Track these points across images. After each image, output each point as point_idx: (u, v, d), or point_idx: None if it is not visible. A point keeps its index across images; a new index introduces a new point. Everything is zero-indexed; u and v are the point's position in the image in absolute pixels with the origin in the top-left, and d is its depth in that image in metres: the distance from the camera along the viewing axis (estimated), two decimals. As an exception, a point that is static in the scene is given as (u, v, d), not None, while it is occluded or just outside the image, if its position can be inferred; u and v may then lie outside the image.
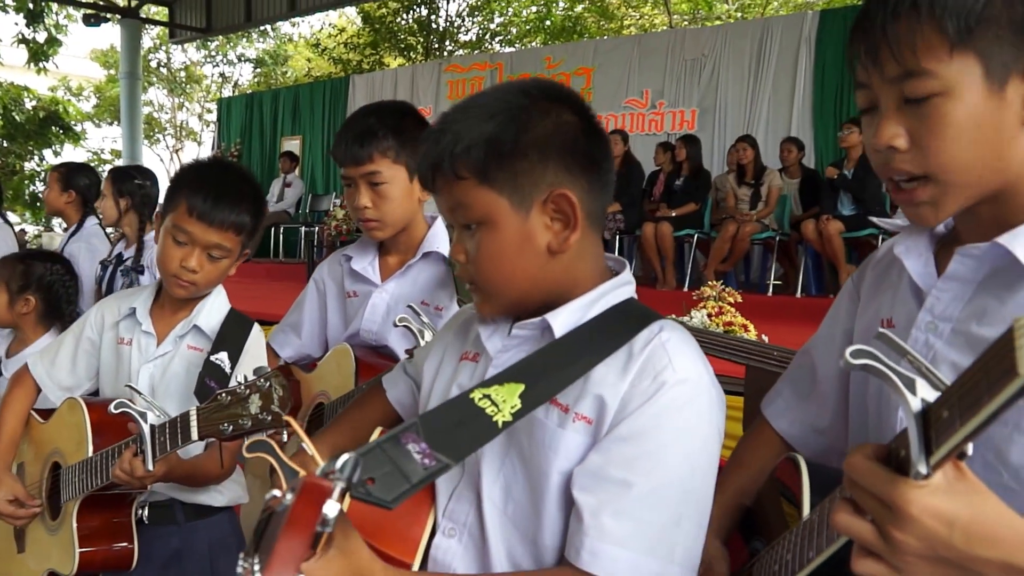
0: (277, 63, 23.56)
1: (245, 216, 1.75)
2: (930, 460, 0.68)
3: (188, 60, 23.65)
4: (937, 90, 0.87)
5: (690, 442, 0.99)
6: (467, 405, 0.99)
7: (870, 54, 0.91)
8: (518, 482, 1.06)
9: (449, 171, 1.03)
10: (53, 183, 3.95)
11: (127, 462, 1.54)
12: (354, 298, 1.99)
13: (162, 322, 1.87)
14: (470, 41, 19.14)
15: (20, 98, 18.42)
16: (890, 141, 0.91)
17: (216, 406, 1.41)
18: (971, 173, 0.90)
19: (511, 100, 1.04)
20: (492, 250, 1.04)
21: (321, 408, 1.91)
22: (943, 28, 0.85)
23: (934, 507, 0.69)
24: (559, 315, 1.07)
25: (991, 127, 0.88)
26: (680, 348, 1.02)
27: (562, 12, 18.50)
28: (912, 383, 0.70)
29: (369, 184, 1.81)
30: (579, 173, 1.04)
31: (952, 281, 0.97)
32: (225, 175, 1.80)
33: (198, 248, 1.72)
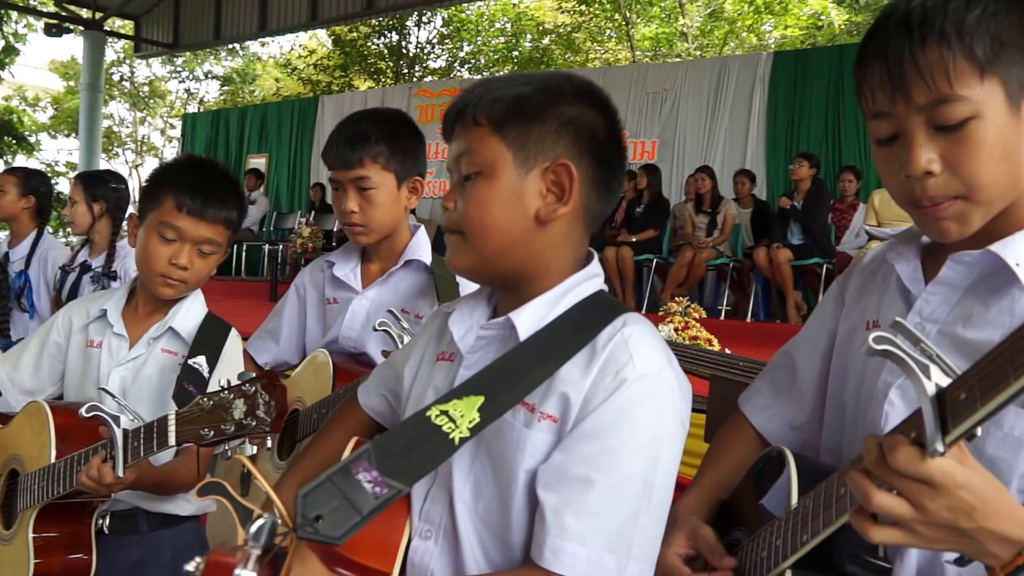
0: (245, 81, 23.56)
1: (233, 211, 1.72)
2: (946, 439, 0.73)
3: (153, 75, 23.60)
4: (970, 114, 0.90)
5: (650, 438, 0.99)
6: (424, 424, 0.99)
7: (896, 83, 0.92)
8: (488, 482, 1.06)
9: (469, 117, 1.06)
10: (9, 187, 3.68)
11: (95, 468, 1.47)
12: (334, 304, 1.98)
13: (134, 325, 1.81)
14: (439, 68, 19.39)
15: (-27, 106, 18.24)
16: (927, 167, 0.92)
17: (197, 411, 1.37)
18: (1000, 190, 0.93)
19: (551, 77, 1.09)
20: (483, 196, 1.05)
21: (296, 414, 1.88)
22: (973, 54, 0.88)
23: (967, 481, 0.76)
24: (523, 313, 1.07)
25: (1014, 145, 0.92)
26: (642, 342, 1.03)
27: (530, 44, 18.92)
28: (927, 368, 0.75)
29: (357, 189, 1.81)
30: (587, 161, 1.06)
31: (942, 285, 1.01)
32: (210, 170, 1.78)
33: (188, 244, 1.68)
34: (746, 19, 16.56)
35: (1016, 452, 0.92)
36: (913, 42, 0.90)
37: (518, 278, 1.10)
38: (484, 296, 1.19)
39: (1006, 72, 0.90)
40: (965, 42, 0.88)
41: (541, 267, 1.09)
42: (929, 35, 0.89)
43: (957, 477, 0.76)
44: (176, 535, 1.82)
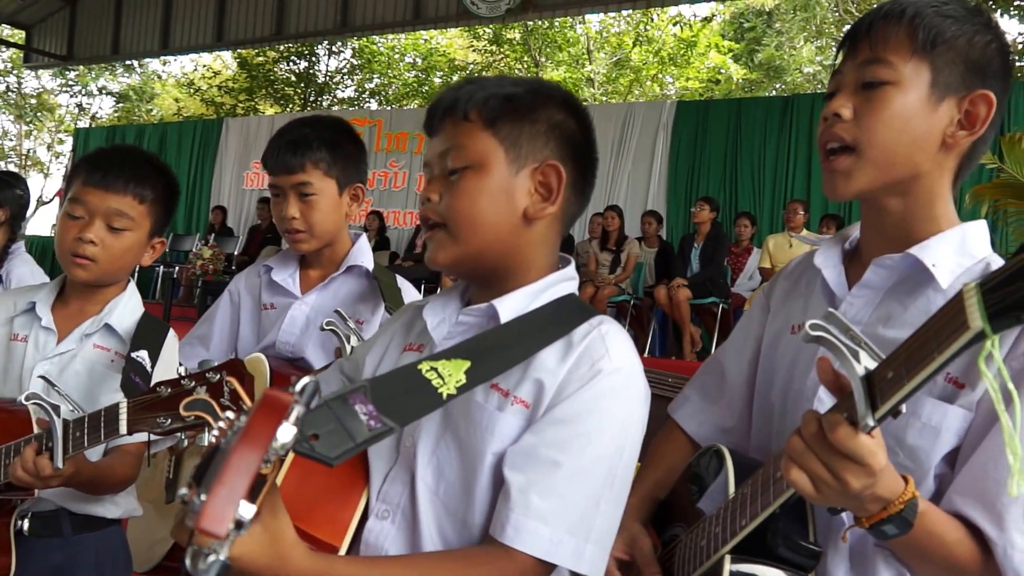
0: (142, 99, 22.82)
1: (147, 187, 1.64)
2: (876, 415, 0.80)
3: (42, 87, 22.57)
4: (889, 79, 1.04)
5: (618, 427, 1.03)
6: (414, 375, 0.99)
7: (852, 43, 1.08)
8: (451, 463, 1.07)
9: (460, 112, 1.07)
10: None
11: (31, 460, 1.41)
12: (271, 310, 1.95)
13: (65, 319, 1.72)
14: (347, 98, 19.31)
15: None
16: (838, 109, 1.06)
17: (153, 399, 1.34)
18: (887, 156, 1.04)
19: (537, 82, 1.13)
20: (474, 190, 1.06)
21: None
22: (913, 34, 1.03)
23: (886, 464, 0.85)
24: (506, 301, 1.09)
25: (918, 125, 1.04)
26: (617, 340, 1.07)
27: (440, 80, 19.09)
28: (857, 353, 0.82)
29: (298, 195, 1.80)
30: (571, 164, 1.10)
31: (865, 288, 1.10)
32: (123, 148, 1.73)
33: (98, 218, 1.61)
34: (651, 69, 17.24)
35: (934, 440, 1.00)
36: (876, 16, 1.06)
37: (499, 273, 1.11)
38: (458, 291, 1.20)
39: (939, 65, 1.03)
40: (913, 23, 1.03)
41: (522, 264, 1.11)
42: (891, 13, 1.05)
43: (881, 459, 0.84)
44: (100, 539, 1.73)
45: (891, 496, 0.88)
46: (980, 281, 0.71)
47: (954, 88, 1.04)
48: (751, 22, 19.06)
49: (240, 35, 13.10)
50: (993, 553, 0.94)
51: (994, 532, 0.94)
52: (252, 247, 10.19)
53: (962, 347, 0.72)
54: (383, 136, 11.05)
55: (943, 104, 1.04)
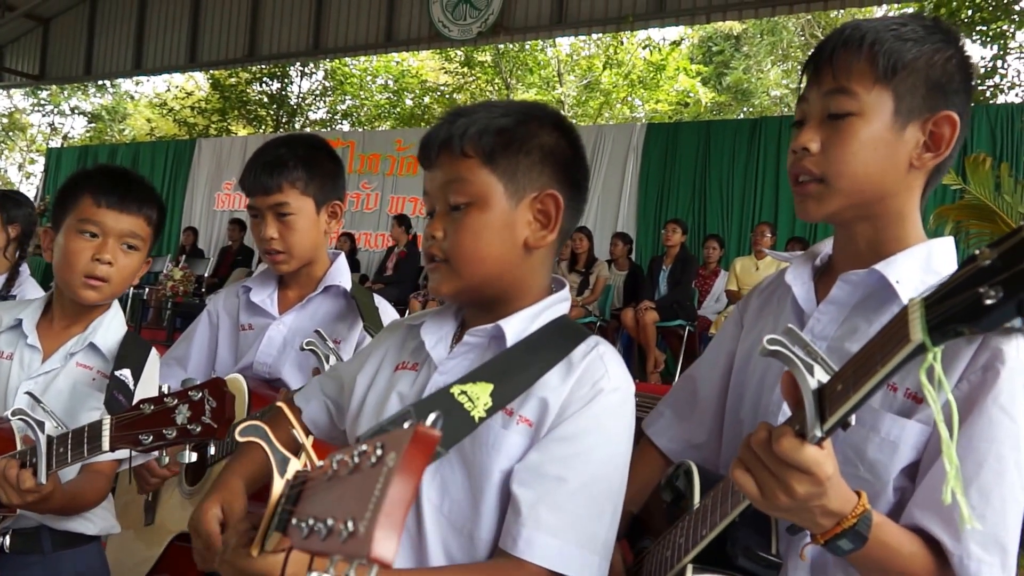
0: (115, 120, 22.58)
1: (154, 209, 1.68)
2: (824, 426, 0.82)
3: (14, 106, 22.24)
4: (854, 109, 1.04)
5: (616, 443, 1.08)
6: (448, 399, 1.04)
7: (816, 71, 1.08)
8: (456, 481, 1.09)
9: (457, 148, 1.08)
10: None
11: (13, 475, 1.40)
12: (248, 331, 1.94)
13: (50, 337, 1.72)
14: (320, 119, 19.25)
15: None
16: (806, 143, 1.07)
17: (136, 416, 1.34)
18: (857, 184, 1.06)
19: (526, 108, 1.14)
20: (476, 227, 1.08)
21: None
22: (874, 63, 1.03)
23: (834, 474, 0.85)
24: (511, 323, 1.12)
25: (885, 153, 1.05)
26: (613, 360, 1.12)
27: (412, 101, 19.09)
28: (811, 367, 0.84)
29: (276, 215, 1.78)
30: (566, 187, 1.13)
31: (831, 304, 1.12)
32: (125, 171, 1.74)
33: (112, 238, 1.62)
34: (620, 92, 17.32)
35: (892, 454, 1.01)
36: (837, 43, 1.07)
37: (500, 299, 1.15)
38: (451, 311, 1.23)
39: (901, 91, 1.04)
40: (873, 51, 1.04)
41: (522, 288, 1.15)
42: (851, 41, 1.06)
43: (827, 469, 0.84)
44: (79, 556, 1.73)
45: (843, 511, 0.89)
46: (924, 295, 0.72)
47: (917, 112, 1.05)
48: (719, 45, 19.30)
49: (213, 56, 13.05)
50: (950, 563, 0.96)
51: (951, 543, 0.95)
52: (223, 269, 10.07)
53: (904, 360, 0.74)
54: (355, 157, 11.00)
55: (908, 129, 1.05)
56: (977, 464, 0.96)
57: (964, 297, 0.67)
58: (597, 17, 10.07)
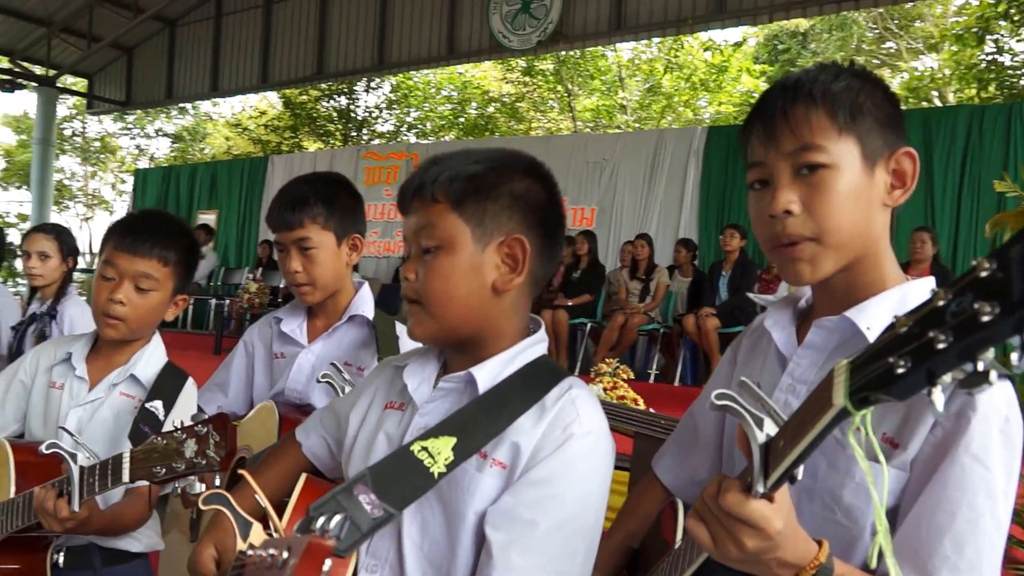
0: (195, 139, 23.42)
1: (171, 250, 1.76)
2: (767, 481, 0.82)
3: (104, 131, 23.28)
4: (826, 161, 1.01)
5: (589, 486, 1.09)
6: (408, 457, 1.07)
7: (768, 132, 1.04)
8: (435, 521, 1.12)
9: (428, 194, 1.12)
10: None
11: (51, 502, 1.51)
12: (281, 359, 2.02)
13: (97, 369, 1.84)
14: (387, 132, 19.53)
15: (-77, 158, 17.73)
16: (787, 206, 1.02)
17: (150, 449, 1.41)
18: (847, 237, 1.03)
19: (499, 156, 1.17)
20: (444, 270, 1.11)
21: (243, 462, 1.90)
22: (833, 114, 1.01)
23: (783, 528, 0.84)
24: (483, 369, 1.14)
25: (864, 199, 1.03)
26: (586, 404, 1.12)
27: (475, 111, 19.21)
28: (761, 421, 0.84)
29: (300, 249, 1.87)
30: (536, 233, 1.14)
31: (809, 349, 1.10)
32: (150, 214, 1.84)
33: (126, 280, 1.72)
34: (682, 95, 17.07)
35: (868, 500, 0.98)
36: (786, 101, 1.04)
37: (474, 342, 1.16)
38: (435, 352, 1.25)
39: (863, 136, 1.03)
40: (828, 104, 1.02)
41: (495, 332, 1.16)
42: (799, 95, 1.03)
43: (776, 524, 0.83)
44: (127, 572, 1.84)
45: (800, 562, 0.88)
46: (852, 358, 0.71)
47: (879, 153, 1.04)
48: (785, 43, 18.83)
49: (283, 76, 13.42)
50: None
51: None
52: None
53: (830, 423, 0.73)
54: (420, 170, 11.04)
55: (876, 171, 1.04)
56: (950, 514, 0.93)
57: (878, 364, 0.66)
58: (656, 21, 9.93)
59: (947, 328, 0.60)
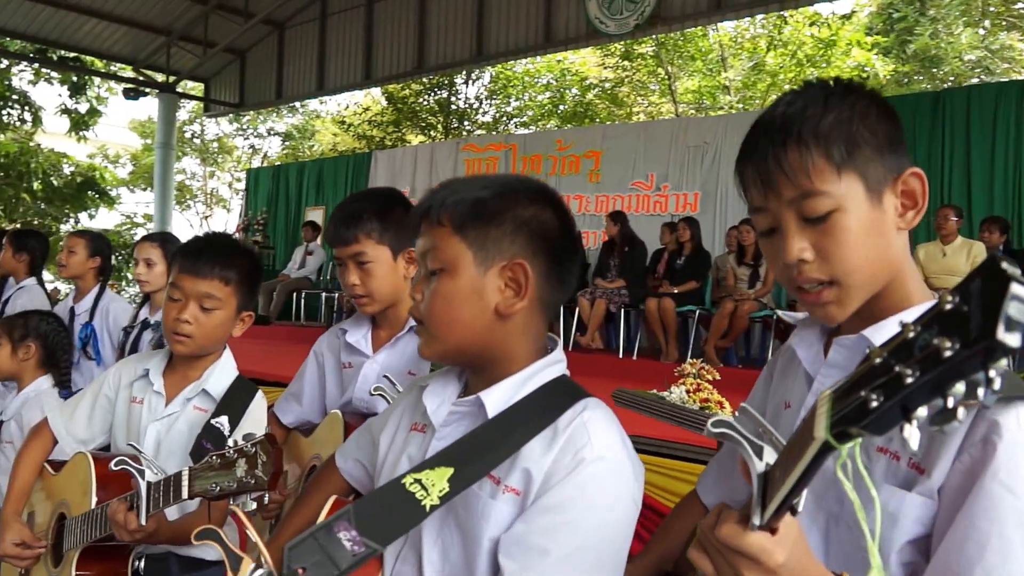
0: (304, 137, 24.12)
1: (231, 270, 1.83)
2: (764, 513, 0.78)
3: (221, 132, 24.31)
4: (833, 207, 0.97)
5: (603, 513, 1.05)
6: (399, 490, 1.05)
7: (765, 180, 1.00)
8: (454, 547, 1.11)
9: (434, 217, 1.13)
10: (79, 248, 3.98)
11: (121, 515, 1.58)
12: (349, 369, 2.06)
13: (172, 384, 1.93)
14: (487, 122, 19.58)
15: (59, 164, 18.89)
16: (799, 255, 0.99)
17: (207, 467, 1.45)
18: (868, 274, 0.99)
19: (508, 182, 1.16)
20: (446, 294, 1.12)
21: (314, 470, 1.94)
22: (828, 154, 0.96)
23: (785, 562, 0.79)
24: (492, 394, 1.13)
25: (877, 232, 0.99)
26: (600, 427, 1.08)
27: (574, 99, 19.00)
28: (760, 449, 0.80)
29: (356, 263, 1.89)
30: (542, 258, 1.13)
31: (832, 368, 1.06)
32: (212, 237, 1.91)
33: (191, 300, 1.80)
34: (788, 72, 16.35)
35: (892, 527, 0.94)
36: (776, 145, 0.98)
37: (483, 363, 1.16)
38: (455, 373, 1.24)
39: (864, 168, 0.97)
40: (821, 144, 0.96)
41: (505, 354, 1.15)
42: (789, 139, 0.97)
43: (776, 557, 0.79)
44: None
45: None
46: (834, 388, 0.68)
47: (884, 179, 0.99)
48: (901, 11, 17.70)
49: (385, 72, 13.59)
50: None
51: None
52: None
53: (815, 457, 0.70)
54: (518, 160, 11.03)
55: (884, 198, 1.00)
56: (980, 546, 0.88)
57: (854, 397, 0.63)
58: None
59: (914, 362, 0.58)
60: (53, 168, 18.56)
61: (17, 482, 1.96)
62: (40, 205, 18.78)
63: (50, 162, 18.50)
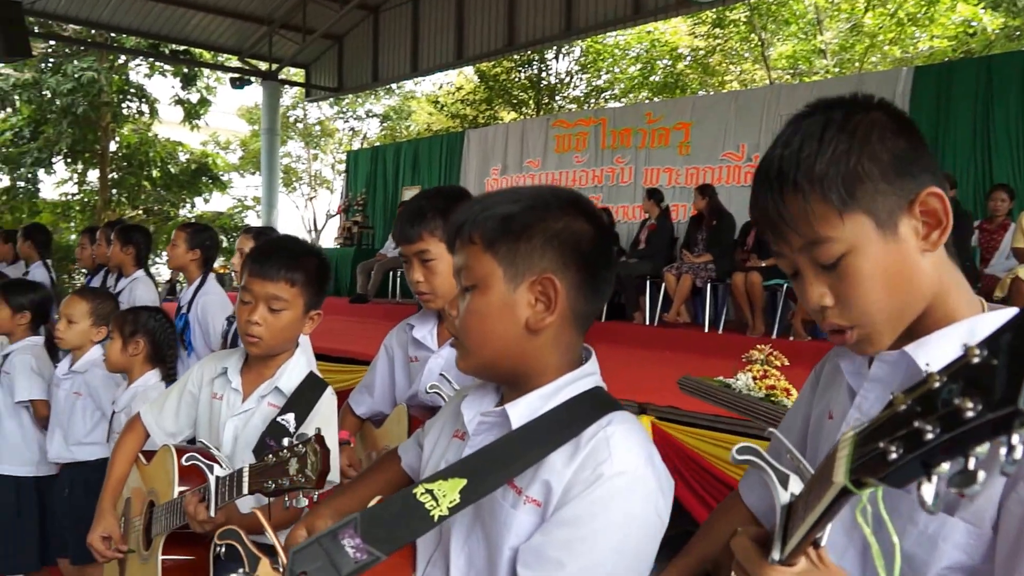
0: (401, 118, 24.53)
1: (297, 272, 1.87)
2: (784, 548, 0.76)
3: (323, 115, 25.02)
4: (843, 251, 0.92)
5: (620, 530, 1.04)
6: (408, 499, 1.05)
7: (773, 232, 0.97)
8: (480, 554, 1.12)
9: (465, 234, 1.13)
10: (180, 241, 4.08)
11: (193, 506, 1.65)
12: (415, 363, 2.11)
13: (249, 381, 1.99)
14: (578, 97, 19.42)
15: (175, 152, 19.96)
16: (820, 301, 0.96)
17: (264, 466, 1.50)
18: (893, 311, 0.94)
19: (539, 195, 1.14)
20: (479, 310, 1.12)
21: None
22: (827, 199, 0.91)
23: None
24: (518, 406, 1.12)
25: (897, 268, 0.92)
26: (622, 442, 1.06)
27: (665, 69, 18.60)
28: (786, 479, 0.78)
29: (420, 261, 1.93)
30: (574, 271, 1.11)
31: (875, 383, 1.02)
32: (279, 241, 1.98)
33: (260, 302, 1.85)
34: (887, 32, 15.51)
35: (931, 550, 0.90)
36: (774, 195, 0.94)
37: (516, 377, 1.16)
38: (493, 383, 1.25)
39: (869, 204, 0.91)
40: (818, 189, 0.91)
41: (536, 368, 1.14)
42: (785, 188, 0.93)
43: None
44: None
45: None
46: (859, 429, 0.63)
47: (897, 207, 0.92)
48: (1014, -41, 16.49)
49: (477, 50, 13.71)
50: None
51: None
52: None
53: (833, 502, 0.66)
54: (607, 134, 10.95)
55: (900, 227, 0.93)
56: None
57: (874, 446, 0.59)
58: (855, -44, 9.10)
59: (936, 418, 0.53)
60: (170, 156, 19.63)
61: (113, 473, 2.07)
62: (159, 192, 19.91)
63: (167, 151, 19.58)
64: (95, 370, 3.14)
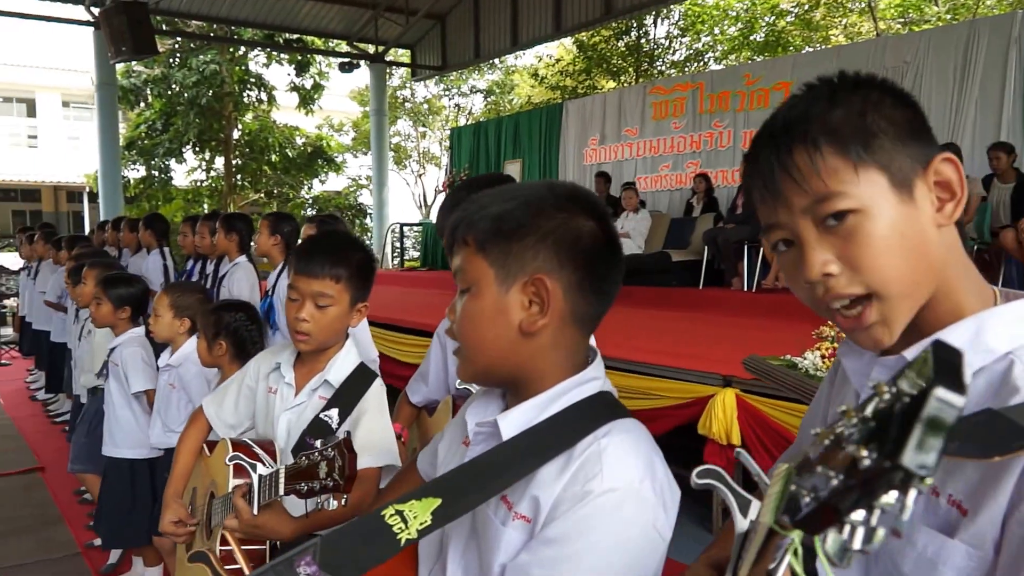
0: (504, 92, 24.72)
1: (341, 268, 1.87)
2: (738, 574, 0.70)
3: (429, 94, 25.46)
4: (851, 206, 0.84)
5: (608, 550, 0.98)
6: (376, 522, 0.96)
7: (773, 192, 0.88)
8: (473, 566, 1.09)
9: (460, 236, 1.09)
10: (263, 229, 4.29)
11: (239, 502, 1.65)
12: None
13: (301, 375, 2.00)
14: (678, 61, 19.03)
15: (292, 137, 20.89)
16: (823, 269, 0.86)
17: (297, 468, 1.49)
18: (910, 281, 0.85)
19: (534, 191, 1.08)
20: (473, 312, 1.07)
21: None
22: (843, 150, 0.83)
23: None
24: (510, 416, 1.07)
25: (912, 232, 0.85)
26: (617, 455, 1.00)
27: (766, 27, 17.94)
28: (747, 504, 0.72)
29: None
30: (570, 269, 1.05)
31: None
32: (323, 237, 1.99)
33: (307, 299, 1.86)
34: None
35: (930, 572, 0.83)
36: (780, 151, 0.86)
37: (516, 382, 1.11)
38: (498, 390, 1.20)
39: (886, 160, 0.84)
40: (832, 140, 0.84)
41: (535, 372, 1.09)
42: (794, 140, 0.85)
43: None
44: None
45: None
46: (797, 462, 0.56)
47: (911, 171, 0.85)
48: None
49: (575, 21, 13.63)
50: None
51: None
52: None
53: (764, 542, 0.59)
54: (705, 98, 10.76)
55: (915, 192, 0.85)
56: None
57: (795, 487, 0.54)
58: None
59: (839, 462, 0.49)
60: (287, 141, 20.58)
61: (178, 465, 2.08)
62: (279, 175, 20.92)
63: (284, 136, 20.52)
64: (188, 364, 3.20)
